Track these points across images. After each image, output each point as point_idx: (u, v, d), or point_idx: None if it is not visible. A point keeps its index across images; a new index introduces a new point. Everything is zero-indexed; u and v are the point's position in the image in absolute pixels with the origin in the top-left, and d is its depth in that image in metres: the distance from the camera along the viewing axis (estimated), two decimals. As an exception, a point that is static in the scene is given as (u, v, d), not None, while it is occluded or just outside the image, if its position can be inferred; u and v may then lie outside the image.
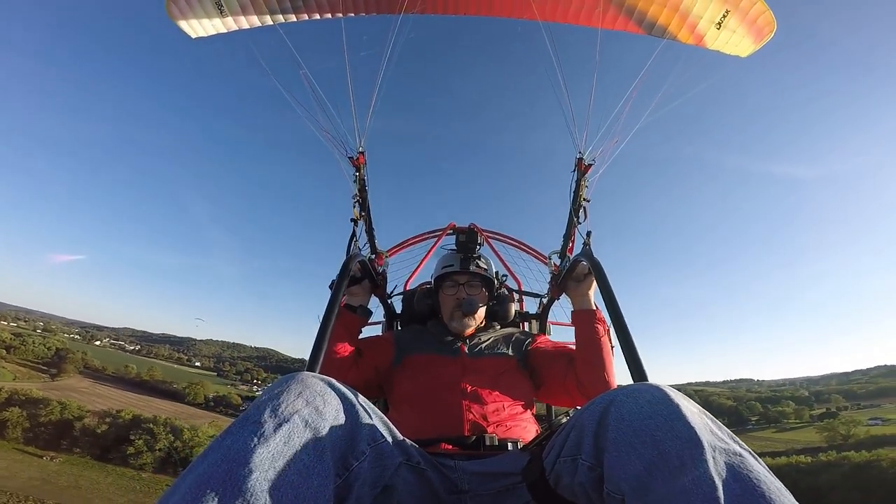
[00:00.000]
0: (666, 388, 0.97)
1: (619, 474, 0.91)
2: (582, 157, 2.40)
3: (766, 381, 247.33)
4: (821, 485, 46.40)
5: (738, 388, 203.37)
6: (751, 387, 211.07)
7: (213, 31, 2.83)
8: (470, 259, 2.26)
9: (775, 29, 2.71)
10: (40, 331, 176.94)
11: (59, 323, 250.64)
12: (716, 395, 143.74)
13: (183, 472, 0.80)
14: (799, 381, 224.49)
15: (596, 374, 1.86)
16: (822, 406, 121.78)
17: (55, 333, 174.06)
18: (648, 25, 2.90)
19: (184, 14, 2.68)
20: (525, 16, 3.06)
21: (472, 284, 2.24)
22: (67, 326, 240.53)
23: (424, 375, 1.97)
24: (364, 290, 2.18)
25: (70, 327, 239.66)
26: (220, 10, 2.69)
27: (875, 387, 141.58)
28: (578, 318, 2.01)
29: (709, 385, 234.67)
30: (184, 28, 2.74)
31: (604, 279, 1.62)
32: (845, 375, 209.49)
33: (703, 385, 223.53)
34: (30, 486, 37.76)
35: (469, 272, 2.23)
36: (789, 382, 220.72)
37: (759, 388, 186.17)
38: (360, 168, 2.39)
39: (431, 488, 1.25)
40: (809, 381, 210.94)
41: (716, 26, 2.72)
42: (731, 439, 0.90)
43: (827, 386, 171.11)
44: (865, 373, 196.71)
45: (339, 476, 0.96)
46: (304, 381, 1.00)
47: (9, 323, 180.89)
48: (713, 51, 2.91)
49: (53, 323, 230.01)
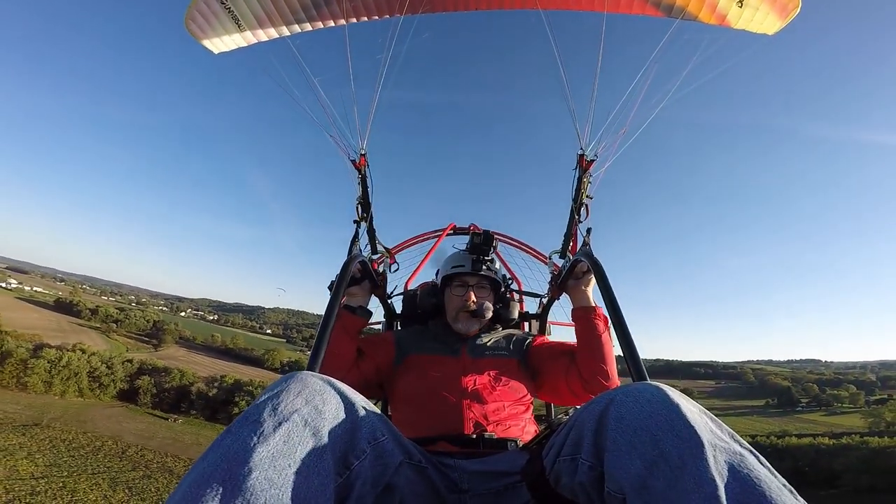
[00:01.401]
0: (665, 387, 0.98)
1: (619, 474, 0.91)
2: (584, 153, 2.37)
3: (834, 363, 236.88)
4: (835, 467, 46.42)
5: (802, 368, 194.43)
6: (816, 367, 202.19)
7: (233, 46, 2.90)
8: (482, 261, 2.24)
9: (800, 3, 2.60)
10: (135, 304, 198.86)
11: (147, 296, 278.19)
12: (773, 374, 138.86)
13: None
14: (872, 364, 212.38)
15: (598, 369, 1.86)
16: (886, 392, 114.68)
17: (147, 306, 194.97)
18: (666, 7, 2.78)
19: (203, 31, 2.75)
20: (527, 5, 2.95)
21: (481, 286, 2.23)
22: (154, 299, 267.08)
23: (426, 375, 1.97)
24: (363, 291, 2.16)
25: (156, 299, 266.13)
26: (239, 26, 2.75)
27: None
28: (578, 315, 2.01)
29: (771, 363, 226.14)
30: (205, 44, 2.83)
31: (604, 279, 1.63)
32: None
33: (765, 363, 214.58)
34: (165, 444, 44.97)
35: (480, 274, 2.22)
36: (860, 365, 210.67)
37: (823, 370, 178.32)
38: (361, 170, 2.41)
39: (433, 487, 1.26)
40: (883, 366, 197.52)
41: (737, 4, 2.62)
42: (731, 438, 0.90)
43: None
44: None
45: (340, 475, 0.96)
46: (303, 380, 1.01)
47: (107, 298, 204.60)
48: (738, 30, 2.78)
49: (143, 296, 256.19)
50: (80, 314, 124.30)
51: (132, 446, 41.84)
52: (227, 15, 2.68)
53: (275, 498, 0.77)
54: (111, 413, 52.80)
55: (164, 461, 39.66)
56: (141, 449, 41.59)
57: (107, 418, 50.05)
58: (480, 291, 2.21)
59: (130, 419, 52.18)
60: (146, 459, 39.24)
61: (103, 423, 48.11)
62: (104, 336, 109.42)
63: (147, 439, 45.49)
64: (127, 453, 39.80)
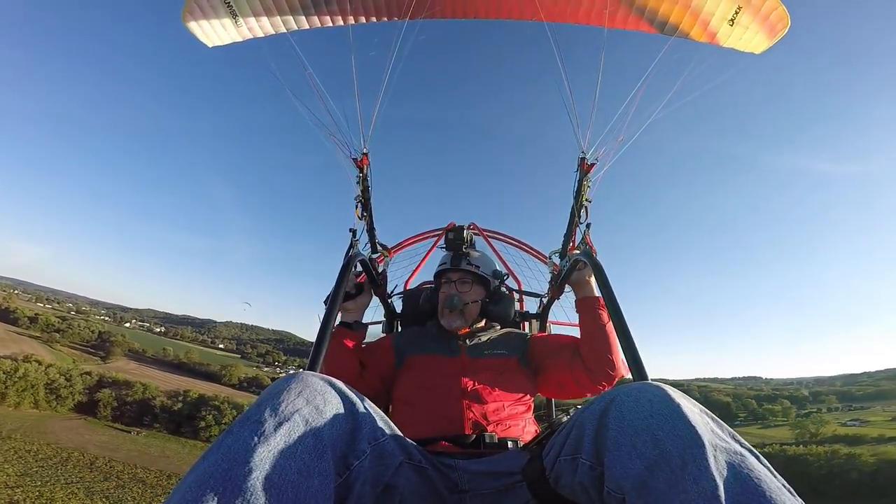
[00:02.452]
0: (666, 387, 0.97)
1: (619, 473, 0.91)
2: (584, 157, 2.38)
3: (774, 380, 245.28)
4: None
5: (744, 385, 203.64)
6: (756, 384, 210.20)
7: (228, 40, 2.89)
8: (459, 257, 2.25)
9: (789, 25, 2.64)
10: (74, 313, 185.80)
11: (86, 304, 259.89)
12: (716, 391, 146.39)
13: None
14: (807, 380, 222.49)
15: (603, 359, 1.86)
16: (816, 406, 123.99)
17: (88, 315, 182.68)
18: (660, 24, 2.87)
19: (200, 25, 2.74)
20: (531, 17, 3.02)
21: (463, 282, 2.22)
22: (94, 307, 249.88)
23: (424, 375, 1.98)
24: (358, 306, 2.16)
25: (97, 308, 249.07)
26: (236, 21, 2.74)
27: (874, 389, 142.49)
28: (583, 306, 2.01)
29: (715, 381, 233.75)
30: (200, 37, 2.80)
31: (604, 279, 1.62)
32: (852, 377, 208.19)
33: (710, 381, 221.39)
34: (132, 456, 44.31)
35: (460, 269, 2.23)
36: (796, 382, 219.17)
37: (763, 386, 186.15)
38: (363, 169, 2.41)
39: (433, 487, 1.26)
40: (817, 382, 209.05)
41: (728, 23, 2.67)
42: (732, 438, 0.90)
43: (831, 387, 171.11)
44: (871, 375, 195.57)
45: (340, 475, 0.96)
46: (304, 380, 1.01)
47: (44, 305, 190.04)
48: (727, 49, 2.84)
49: (82, 304, 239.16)
50: (18, 322, 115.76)
51: (99, 458, 41.17)
52: (225, 8, 2.69)
53: (275, 498, 0.77)
54: (71, 425, 51.12)
55: (134, 472, 39.46)
56: (109, 461, 41.04)
57: (68, 430, 48.53)
58: (462, 287, 2.21)
59: (92, 432, 50.74)
60: (116, 470, 38.89)
61: (65, 434, 46.72)
62: (46, 346, 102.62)
63: (112, 451, 44.72)
64: (95, 464, 39.29)
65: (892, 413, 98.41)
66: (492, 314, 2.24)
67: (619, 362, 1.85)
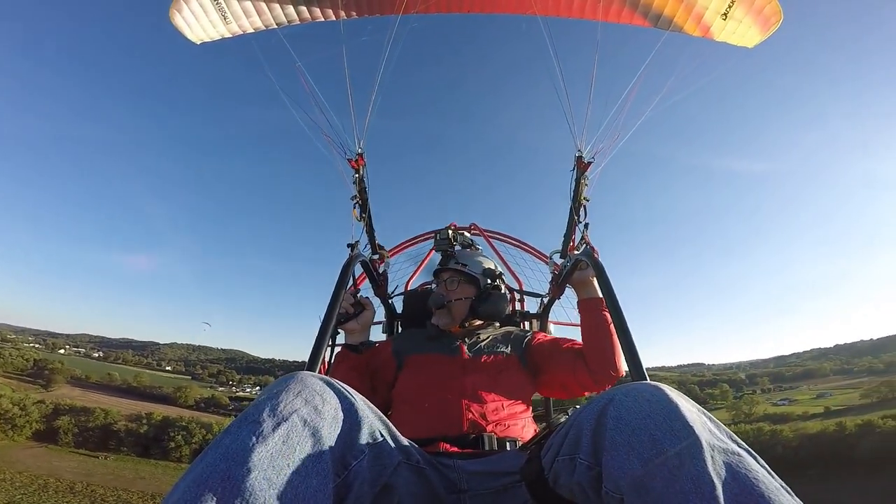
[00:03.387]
0: (664, 386, 0.97)
1: (617, 473, 0.90)
2: (581, 155, 2.37)
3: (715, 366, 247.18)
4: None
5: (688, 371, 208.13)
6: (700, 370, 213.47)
7: (216, 37, 2.85)
8: (448, 257, 2.28)
9: (782, 19, 2.64)
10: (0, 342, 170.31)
11: (10, 331, 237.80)
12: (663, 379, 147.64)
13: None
14: (744, 364, 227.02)
15: (607, 360, 1.87)
16: (751, 388, 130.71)
17: (17, 343, 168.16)
18: (654, 17, 2.85)
19: (188, 21, 2.68)
20: (525, 11, 2.99)
21: (452, 281, 2.24)
22: (21, 335, 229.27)
23: (423, 374, 1.98)
24: (362, 325, 2.18)
25: (24, 335, 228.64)
26: (224, 18, 2.71)
27: (802, 370, 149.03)
28: (585, 307, 2.02)
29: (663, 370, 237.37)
30: (187, 34, 2.75)
31: (605, 279, 1.62)
32: (783, 359, 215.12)
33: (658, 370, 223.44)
34: (107, 480, 44.09)
35: (449, 268, 2.26)
36: (735, 366, 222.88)
37: (705, 372, 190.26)
38: (359, 169, 2.39)
39: (431, 487, 1.25)
40: (753, 365, 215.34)
41: (722, 17, 2.67)
42: (729, 439, 0.90)
43: (765, 369, 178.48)
44: (800, 356, 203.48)
45: (338, 475, 0.96)
46: (303, 380, 1.01)
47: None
48: (719, 42, 2.83)
49: (6, 332, 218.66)
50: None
51: (77, 483, 41.15)
52: (214, 5, 2.64)
53: (273, 498, 0.77)
54: (35, 453, 49.50)
55: (117, 494, 39.85)
56: (87, 485, 41.09)
57: (34, 457, 47.25)
58: (450, 285, 2.24)
59: (59, 458, 49.36)
60: (98, 494, 39.07)
61: (33, 461, 45.63)
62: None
63: (87, 476, 44.32)
64: (75, 489, 39.27)
65: (817, 391, 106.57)
66: (480, 312, 2.20)
67: (620, 363, 1.87)
